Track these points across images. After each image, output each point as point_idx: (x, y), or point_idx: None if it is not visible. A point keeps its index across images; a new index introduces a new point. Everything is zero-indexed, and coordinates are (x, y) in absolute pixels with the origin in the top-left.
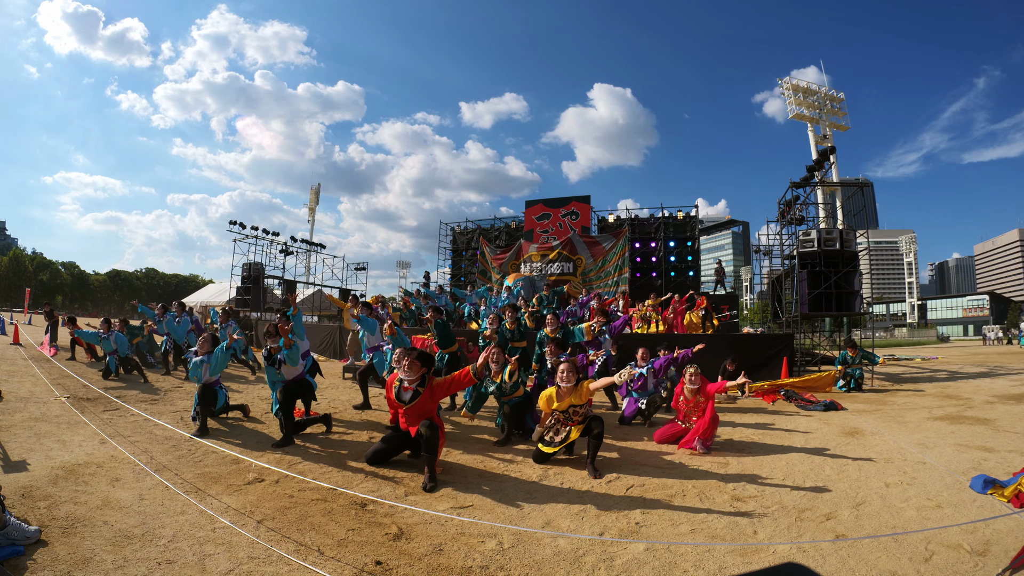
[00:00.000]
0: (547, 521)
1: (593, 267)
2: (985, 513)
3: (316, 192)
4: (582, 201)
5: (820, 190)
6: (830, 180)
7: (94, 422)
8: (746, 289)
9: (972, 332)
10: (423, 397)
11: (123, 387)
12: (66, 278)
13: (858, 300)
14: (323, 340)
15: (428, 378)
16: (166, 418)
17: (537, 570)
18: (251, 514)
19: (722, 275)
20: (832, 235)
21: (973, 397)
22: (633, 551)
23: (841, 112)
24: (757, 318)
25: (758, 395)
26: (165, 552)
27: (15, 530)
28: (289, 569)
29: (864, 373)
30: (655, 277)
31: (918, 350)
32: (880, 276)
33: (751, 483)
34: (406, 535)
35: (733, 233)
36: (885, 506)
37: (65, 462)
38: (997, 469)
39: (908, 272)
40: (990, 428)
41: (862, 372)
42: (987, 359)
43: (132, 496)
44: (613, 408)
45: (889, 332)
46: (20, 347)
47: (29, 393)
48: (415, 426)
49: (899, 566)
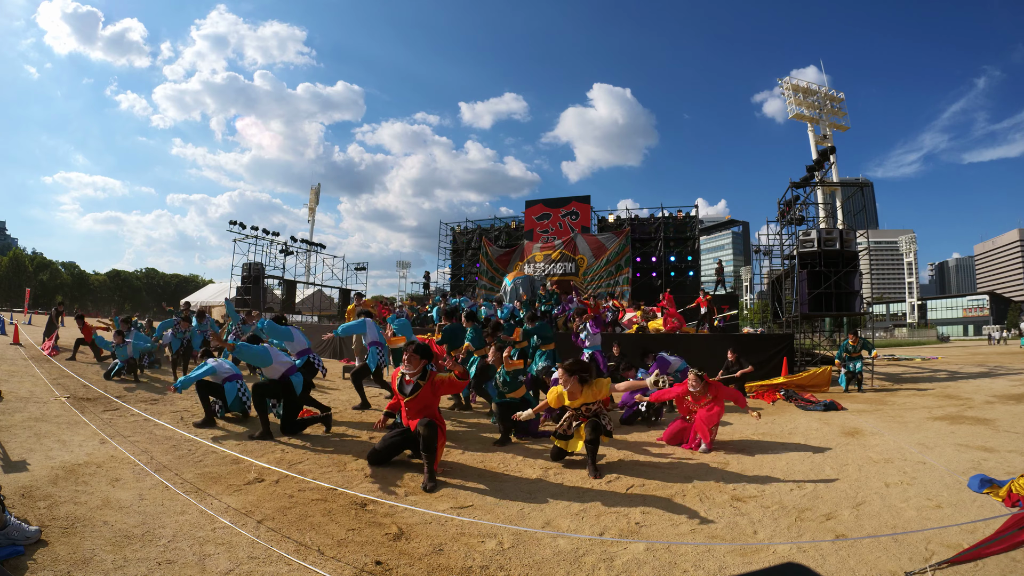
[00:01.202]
0: (547, 521)
1: (595, 266)
2: (985, 513)
3: (316, 192)
4: (582, 201)
5: (820, 190)
6: (830, 180)
7: (94, 422)
8: (746, 289)
9: (972, 332)
10: (424, 390)
11: (123, 387)
12: (66, 278)
13: (858, 300)
14: (323, 340)
15: (429, 372)
16: (166, 418)
17: (537, 570)
18: (251, 514)
19: (722, 275)
20: (832, 235)
21: (973, 397)
22: (633, 551)
23: (841, 112)
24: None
25: (758, 395)
26: (165, 552)
27: (15, 530)
28: (289, 569)
29: (864, 370)
30: (655, 277)
31: (918, 350)
32: (880, 276)
33: (751, 483)
34: (406, 535)
35: (733, 233)
36: (885, 506)
37: (65, 462)
38: (997, 469)
39: (908, 272)
40: (990, 428)
41: (862, 367)
42: (987, 359)
43: (132, 496)
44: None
45: (889, 332)
46: (20, 347)
47: (29, 393)
48: (415, 420)
49: (899, 566)
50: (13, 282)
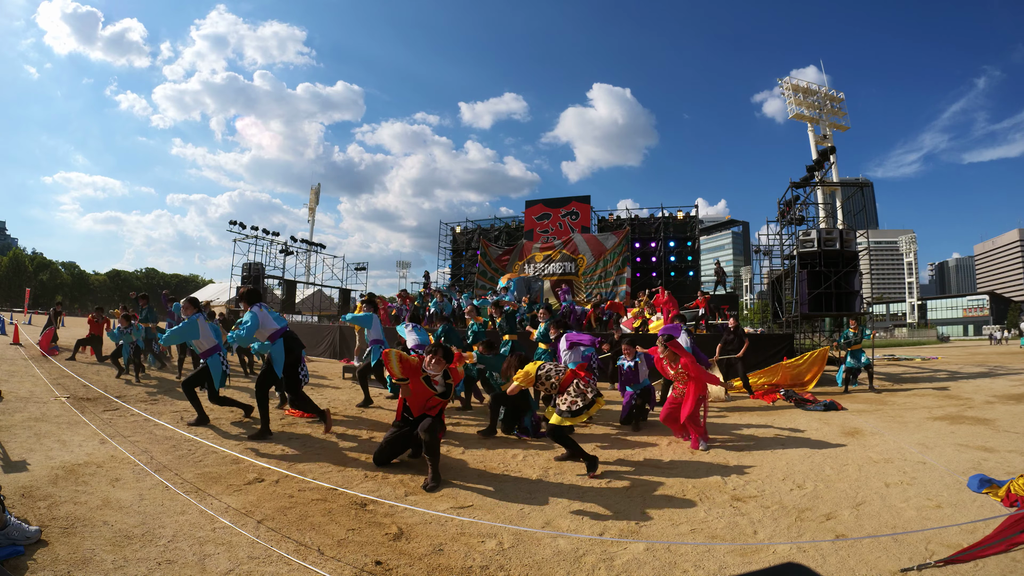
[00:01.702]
0: (547, 521)
1: (594, 266)
2: (985, 513)
3: (316, 192)
4: (582, 201)
5: (820, 190)
6: (830, 180)
7: (94, 422)
8: (746, 289)
9: (972, 332)
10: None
11: (123, 387)
12: (66, 278)
13: (858, 300)
14: (323, 340)
15: (449, 371)
16: (166, 418)
17: (537, 570)
18: (251, 514)
19: (722, 275)
20: (832, 235)
21: (973, 397)
22: (633, 551)
23: (841, 112)
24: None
25: (758, 395)
26: (165, 552)
27: (15, 530)
28: (289, 569)
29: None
30: (655, 277)
31: (918, 350)
32: (880, 276)
33: (751, 483)
34: (406, 535)
35: (733, 233)
36: (885, 506)
37: (65, 462)
38: (997, 469)
39: (908, 272)
40: (990, 428)
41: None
42: (987, 359)
43: (132, 496)
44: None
45: (889, 332)
46: (20, 347)
47: (29, 393)
48: (421, 410)
49: (899, 566)
50: (13, 282)
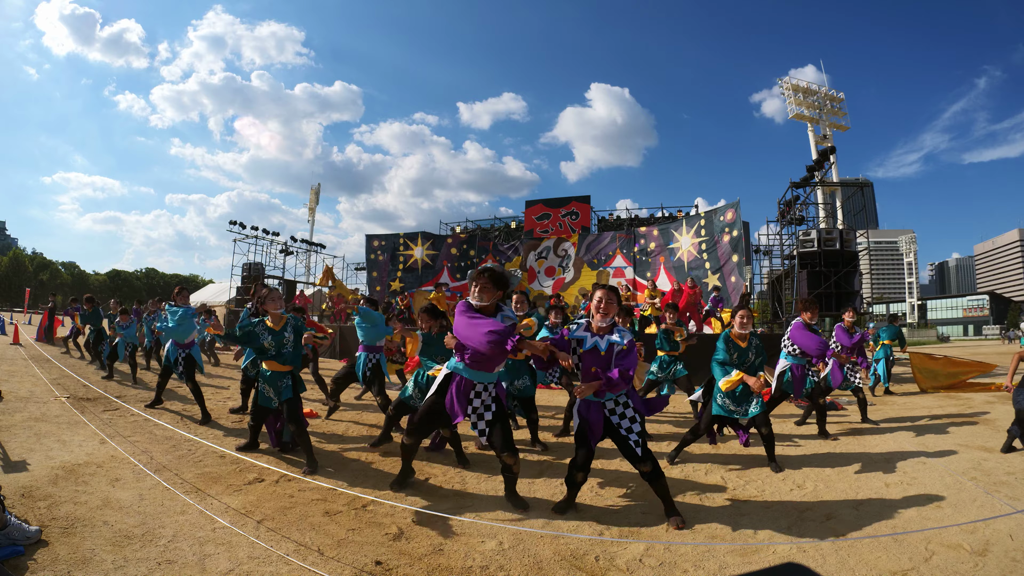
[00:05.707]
0: (547, 521)
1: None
2: (985, 513)
3: (316, 192)
4: (582, 201)
5: (820, 190)
6: (830, 180)
7: (94, 422)
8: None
9: (972, 332)
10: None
11: (123, 387)
12: (66, 278)
13: (858, 300)
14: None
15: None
16: (166, 418)
17: (537, 570)
18: (251, 514)
19: None
20: (832, 235)
21: (973, 397)
22: (633, 551)
23: (841, 112)
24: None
25: None
26: (165, 552)
27: (15, 530)
28: (289, 569)
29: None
30: None
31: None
32: (880, 276)
33: (751, 483)
34: (406, 535)
35: None
36: (885, 506)
37: (65, 462)
38: (997, 469)
39: (908, 272)
40: (990, 428)
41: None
42: (987, 359)
43: (132, 496)
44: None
45: None
46: (20, 347)
47: (29, 393)
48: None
49: (899, 566)
50: (13, 282)
